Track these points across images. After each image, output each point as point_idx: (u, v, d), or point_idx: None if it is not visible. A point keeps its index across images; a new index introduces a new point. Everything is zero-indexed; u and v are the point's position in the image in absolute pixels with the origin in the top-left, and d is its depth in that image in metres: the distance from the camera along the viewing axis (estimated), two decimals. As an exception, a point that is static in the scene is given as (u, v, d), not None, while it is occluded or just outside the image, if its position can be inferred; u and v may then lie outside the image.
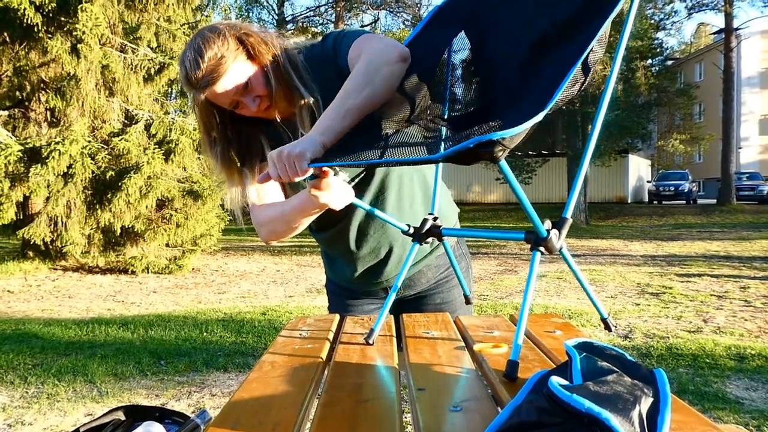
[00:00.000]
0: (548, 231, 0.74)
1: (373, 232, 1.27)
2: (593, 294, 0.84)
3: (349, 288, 1.41)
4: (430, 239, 0.98)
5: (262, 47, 1.10)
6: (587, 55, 0.76)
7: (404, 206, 1.27)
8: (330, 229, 1.29)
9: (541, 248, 0.75)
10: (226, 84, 1.06)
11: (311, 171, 0.90)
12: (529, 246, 0.76)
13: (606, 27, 0.76)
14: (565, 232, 0.75)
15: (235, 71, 1.07)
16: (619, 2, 0.74)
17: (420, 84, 0.97)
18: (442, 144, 0.87)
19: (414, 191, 1.29)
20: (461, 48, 0.98)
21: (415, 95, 0.96)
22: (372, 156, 0.87)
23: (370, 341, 0.94)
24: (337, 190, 0.97)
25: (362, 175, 1.23)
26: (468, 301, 1.10)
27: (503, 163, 0.70)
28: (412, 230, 0.99)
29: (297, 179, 0.90)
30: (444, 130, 0.90)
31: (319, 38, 1.22)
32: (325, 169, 0.92)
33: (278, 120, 1.21)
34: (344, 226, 1.27)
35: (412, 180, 1.29)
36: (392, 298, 0.97)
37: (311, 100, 1.13)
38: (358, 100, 0.94)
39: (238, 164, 1.20)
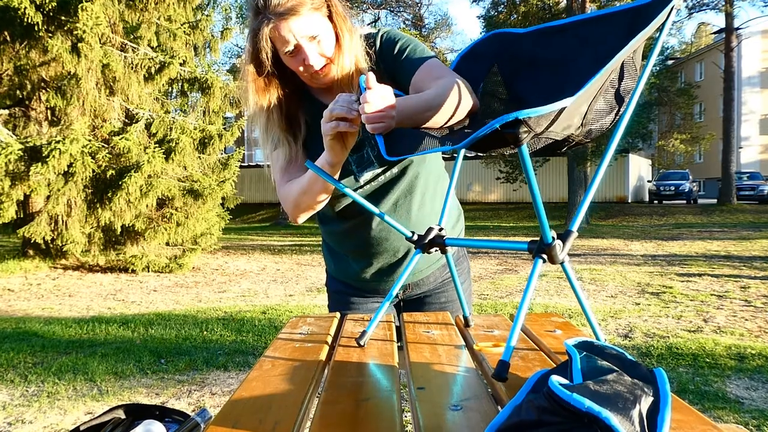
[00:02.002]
0: (553, 239, 0.73)
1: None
2: (592, 316, 0.83)
3: (355, 285, 1.39)
4: (433, 249, 0.95)
5: (342, 17, 1.11)
6: (620, 86, 0.80)
7: (426, 207, 1.29)
8: (352, 219, 1.28)
9: (544, 255, 0.73)
10: (302, 23, 1.05)
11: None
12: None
13: (638, 54, 0.79)
14: (569, 245, 0.73)
15: (316, 19, 1.07)
16: (652, 22, 0.75)
17: None
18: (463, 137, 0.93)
19: (436, 193, 1.32)
20: (493, 80, 1.05)
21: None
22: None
23: (362, 343, 0.92)
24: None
25: (395, 173, 1.24)
26: (467, 324, 1.07)
27: (524, 149, 0.69)
28: (416, 237, 0.96)
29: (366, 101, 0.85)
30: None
31: (363, 29, 1.22)
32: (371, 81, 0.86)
33: (317, 94, 1.21)
34: (367, 218, 1.26)
35: (438, 182, 1.33)
36: (386, 306, 0.96)
37: None
38: (434, 116, 0.96)
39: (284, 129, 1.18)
